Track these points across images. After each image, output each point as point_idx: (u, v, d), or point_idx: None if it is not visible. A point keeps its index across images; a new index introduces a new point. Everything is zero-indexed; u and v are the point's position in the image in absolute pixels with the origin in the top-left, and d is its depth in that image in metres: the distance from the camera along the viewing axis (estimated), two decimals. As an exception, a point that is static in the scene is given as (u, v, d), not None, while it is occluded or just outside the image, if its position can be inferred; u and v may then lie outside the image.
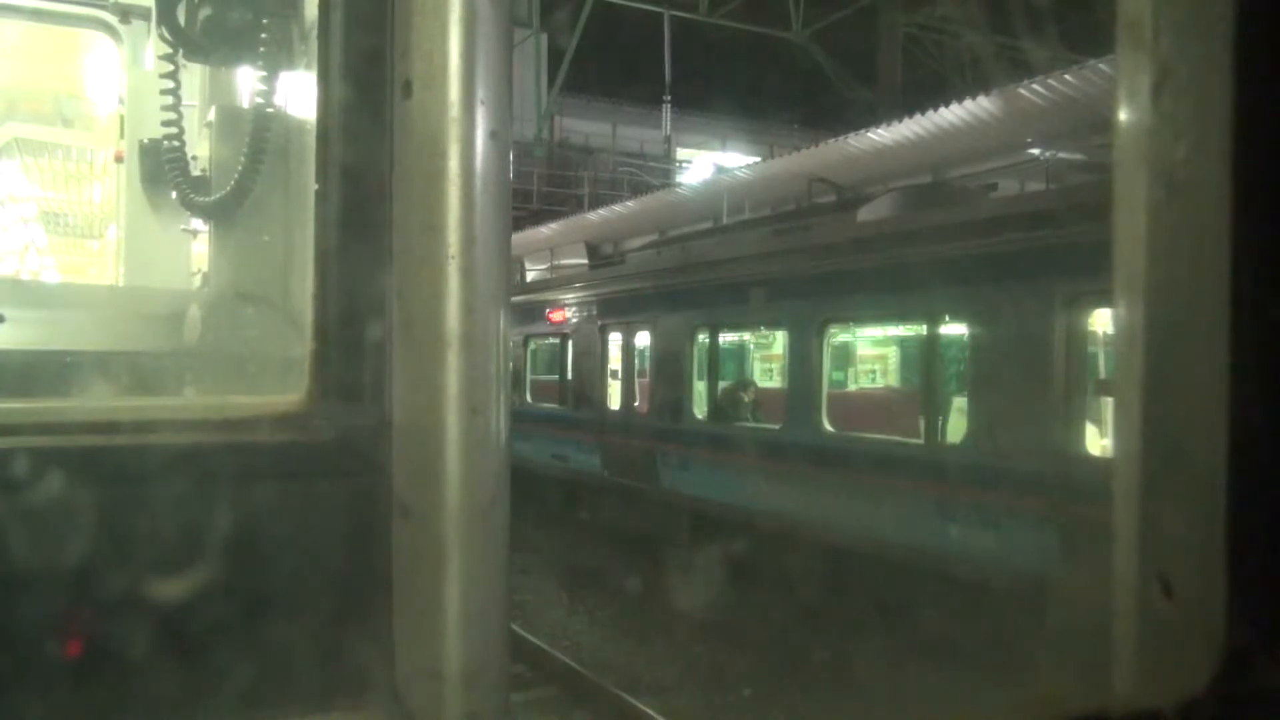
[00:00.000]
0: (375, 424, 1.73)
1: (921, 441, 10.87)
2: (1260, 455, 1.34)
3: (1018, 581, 8.70)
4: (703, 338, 14.47)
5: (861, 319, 13.42)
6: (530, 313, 19.38)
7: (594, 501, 16.78)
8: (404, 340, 1.70)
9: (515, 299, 20.07)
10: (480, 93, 1.67)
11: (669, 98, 39.46)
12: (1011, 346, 9.64)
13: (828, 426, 11.87)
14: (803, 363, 12.31)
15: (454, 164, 1.66)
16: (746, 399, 14.47)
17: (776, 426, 13.13)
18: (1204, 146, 1.35)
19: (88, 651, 1.60)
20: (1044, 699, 1.58)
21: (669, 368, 14.97)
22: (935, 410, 10.89)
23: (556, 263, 29.11)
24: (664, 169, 40.70)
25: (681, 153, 42.10)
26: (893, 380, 16.59)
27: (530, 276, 29.86)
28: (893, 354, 16.92)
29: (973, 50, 27.48)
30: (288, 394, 1.83)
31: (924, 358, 11.51)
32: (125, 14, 4.54)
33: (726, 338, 15.90)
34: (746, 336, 17.51)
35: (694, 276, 14.59)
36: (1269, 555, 1.36)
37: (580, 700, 9.85)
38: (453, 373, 1.65)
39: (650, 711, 8.94)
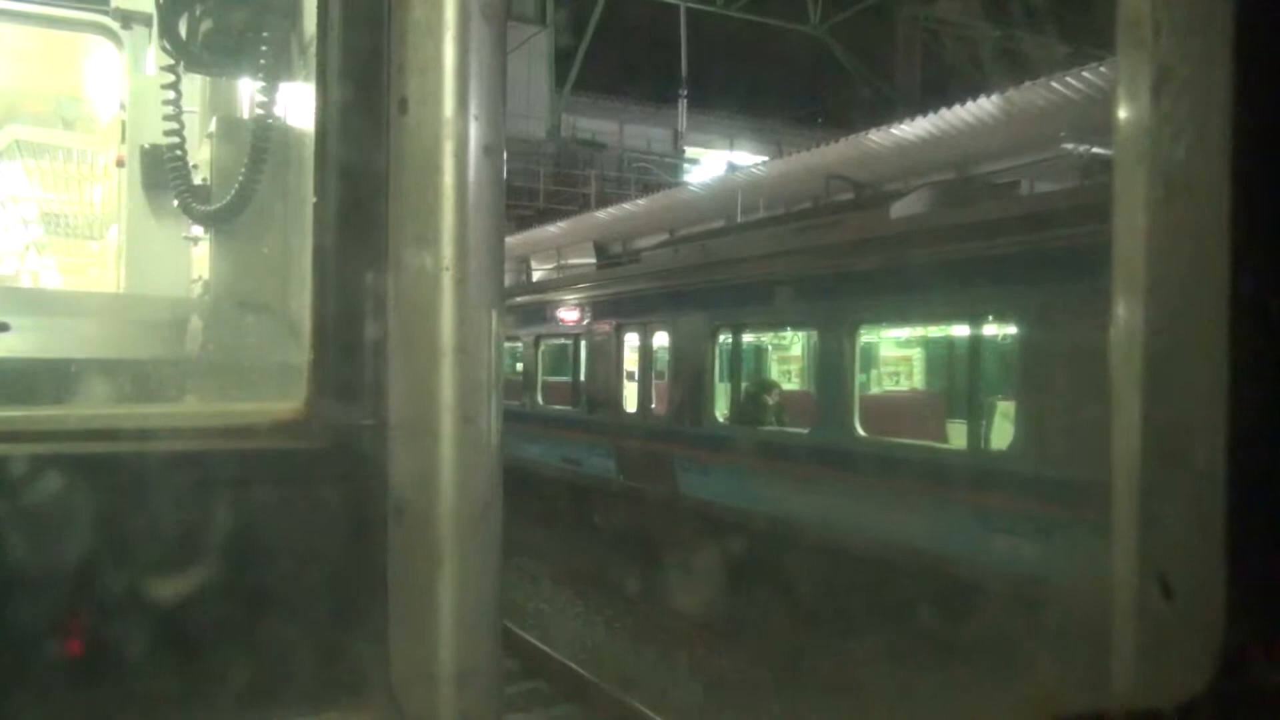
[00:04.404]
0: (372, 430, 1.79)
1: (965, 447, 10.52)
2: (1260, 455, 1.35)
3: (1071, 597, 8.26)
4: (724, 338, 14.17)
5: (898, 319, 12.99)
6: (541, 313, 19.15)
7: (608, 506, 16.43)
8: (400, 348, 1.76)
9: (526, 299, 20.05)
10: (474, 108, 1.73)
11: (684, 91, 39.09)
12: (1066, 347, 8.96)
13: (860, 431, 11.50)
14: (833, 364, 11.97)
15: (448, 178, 1.71)
16: (770, 402, 14.06)
17: (804, 430, 12.81)
18: (1204, 146, 1.37)
19: (90, 654, 1.65)
20: (1044, 699, 1.61)
21: (688, 369, 14.65)
22: (980, 415, 10.49)
23: (563, 262, 29.08)
24: (678, 165, 40.69)
25: (690, 151, 42.04)
26: (933, 383, 15.89)
27: (536, 276, 29.85)
28: (933, 356, 16.14)
29: (993, 44, 27.43)
30: (287, 400, 1.88)
31: (969, 360, 11.05)
32: (127, 20, 4.59)
33: (749, 338, 15.51)
34: (771, 337, 17.16)
35: (715, 275, 14.28)
36: (1268, 555, 1.37)
37: (602, 716, 9.65)
38: (447, 380, 1.71)
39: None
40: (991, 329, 10.78)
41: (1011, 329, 10.24)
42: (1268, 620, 1.37)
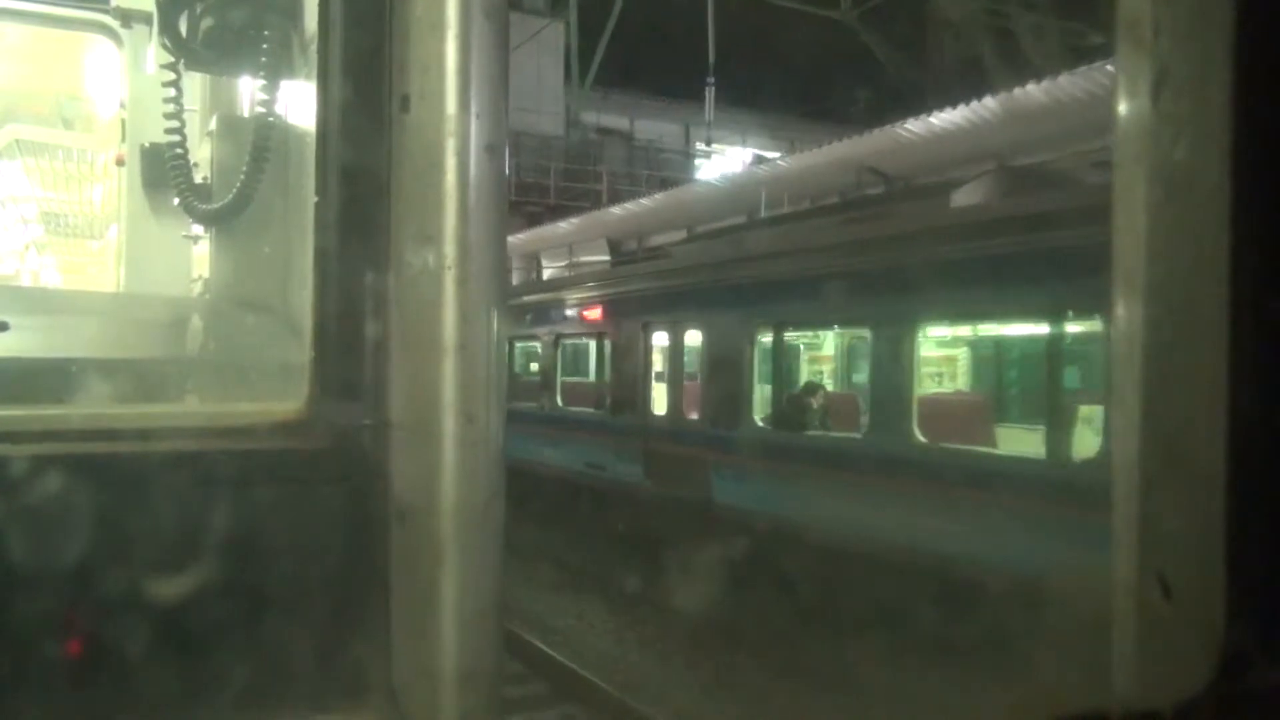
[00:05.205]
0: (373, 429, 1.83)
1: (1043, 456, 9.95)
2: (1260, 455, 1.38)
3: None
4: (765, 338, 13.62)
5: (965, 316, 12.16)
6: (562, 310, 18.80)
7: (634, 514, 15.64)
8: (401, 348, 1.80)
9: (545, 296, 19.83)
10: (476, 106, 1.77)
11: (712, 79, 38.55)
12: None
13: (919, 437, 10.97)
14: (890, 366, 11.41)
15: (450, 176, 1.76)
16: (816, 405, 13.43)
17: (856, 436, 12.29)
18: (1204, 146, 1.40)
19: (91, 654, 1.70)
20: (1043, 699, 1.63)
21: (725, 370, 14.09)
22: (1061, 420, 9.90)
23: (575, 260, 29.01)
24: (702, 158, 40.68)
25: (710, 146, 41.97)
26: (1008, 386, 15.01)
27: (547, 274, 29.77)
28: (1005, 356, 15.19)
29: (1028, 33, 27.27)
30: (288, 400, 1.93)
31: (1050, 360, 10.37)
32: (127, 18, 4.65)
33: (791, 336, 14.85)
34: (816, 336, 16.66)
35: (753, 271, 13.79)
36: (1268, 555, 1.39)
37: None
38: (449, 379, 1.76)
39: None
40: (1084, 325, 10.11)
41: (1096, 326, 9.63)
42: (1268, 620, 1.39)
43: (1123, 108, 1.50)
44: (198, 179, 3.66)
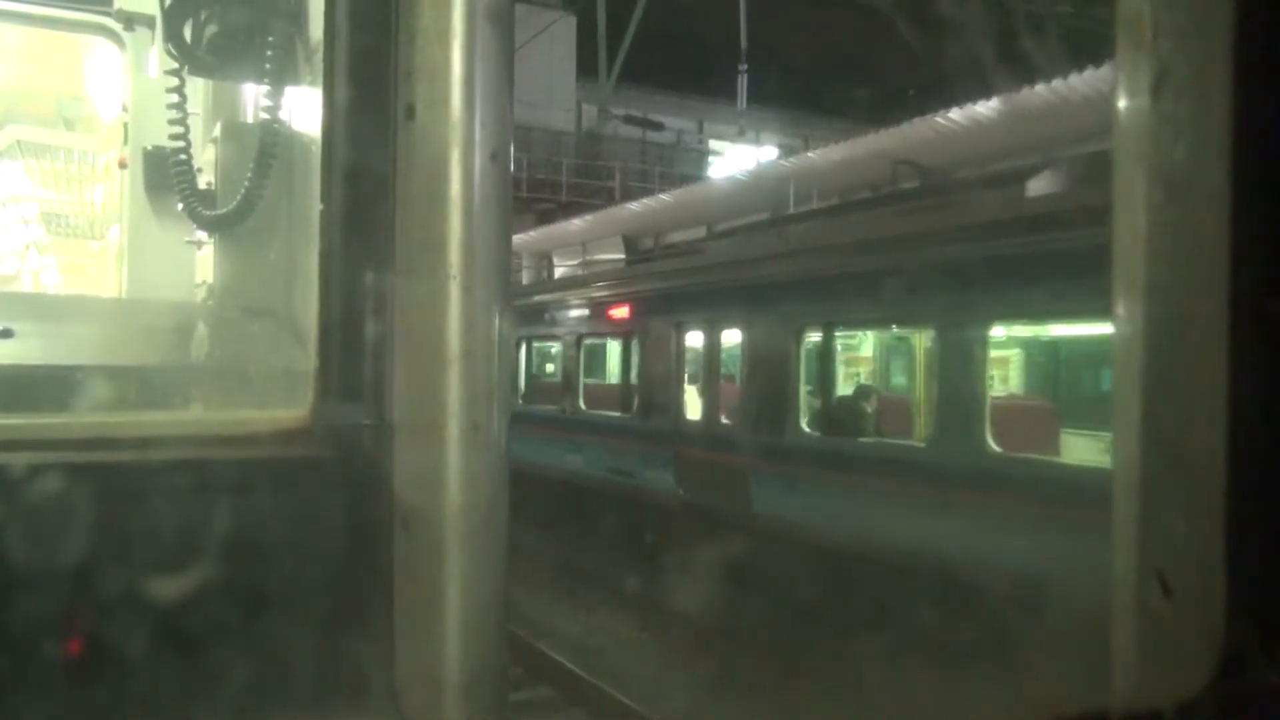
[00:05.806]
0: (378, 436, 1.88)
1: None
2: (1260, 455, 1.41)
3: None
4: (811, 336, 13.00)
5: (1048, 314, 11.44)
6: (584, 309, 18.34)
7: (664, 524, 14.97)
8: (406, 355, 1.85)
9: (564, 295, 19.45)
10: (481, 114, 1.82)
11: (744, 66, 37.83)
12: None
13: (993, 446, 10.29)
14: (958, 369, 10.79)
15: (455, 185, 1.81)
16: (869, 410, 12.97)
17: (920, 444, 11.73)
18: (1203, 146, 1.43)
19: (100, 659, 1.75)
20: (1043, 699, 1.66)
21: (768, 372, 13.38)
22: None
23: (589, 258, 28.94)
24: (719, 153, 40.69)
25: (724, 140, 41.93)
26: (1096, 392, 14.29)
27: (559, 273, 29.71)
28: (1093, 358, 14.52)
29: (1068, 22, 27.12)
30: (293, 407, 1.98)
31: None
32: (129, 21, 4.71)
33: (842, 336, 14.46)
34: (870, 336, 16.29)
35: (802, 266, 13.18)
36: (1268, 555, 1.42)
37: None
38: (453, 386, 1.81)
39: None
40: None
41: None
42: (1268, 620, 1.42)
43: (1123, 108, 1.53)
44: (201, 184, 3.71)
